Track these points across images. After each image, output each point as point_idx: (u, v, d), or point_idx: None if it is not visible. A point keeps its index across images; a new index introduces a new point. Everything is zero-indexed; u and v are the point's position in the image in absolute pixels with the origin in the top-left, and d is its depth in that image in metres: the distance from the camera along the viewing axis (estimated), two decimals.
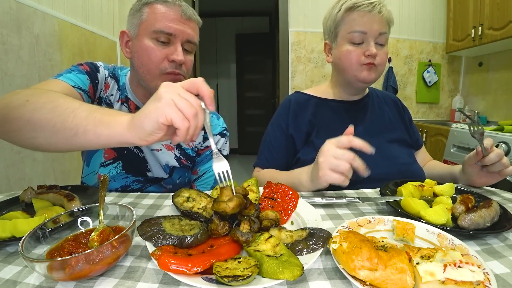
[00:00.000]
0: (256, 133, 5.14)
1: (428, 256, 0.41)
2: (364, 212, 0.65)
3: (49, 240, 0.46)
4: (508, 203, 0.69)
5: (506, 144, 1.66)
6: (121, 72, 0.94)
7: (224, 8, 4.93)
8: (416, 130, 1.08)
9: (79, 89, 0.78)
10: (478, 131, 0.76)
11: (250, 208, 0.54)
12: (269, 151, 1.00)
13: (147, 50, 0.78)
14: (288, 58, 2.74)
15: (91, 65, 0.87)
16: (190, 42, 0.83)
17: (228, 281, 0.37)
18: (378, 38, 0.88)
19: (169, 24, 0.77)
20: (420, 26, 2.83)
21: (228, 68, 5.40)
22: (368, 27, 0.86)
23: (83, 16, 1.87)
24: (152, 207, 0.68)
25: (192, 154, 0.96)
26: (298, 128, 0.97)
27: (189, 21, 0.81)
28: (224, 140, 1.00)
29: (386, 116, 1.02)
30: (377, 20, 0.87)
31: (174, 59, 0.79)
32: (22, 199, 0.68)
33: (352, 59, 0.90)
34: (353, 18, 0.88)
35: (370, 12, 0.86)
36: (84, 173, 0.94)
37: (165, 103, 0.47)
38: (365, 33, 0.87)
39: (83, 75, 0.81)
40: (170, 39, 0.79)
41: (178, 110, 0.48)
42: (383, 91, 1.14)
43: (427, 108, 3.00)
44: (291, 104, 1.01)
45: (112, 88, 0.90)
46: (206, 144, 0.98)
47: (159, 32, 0.77)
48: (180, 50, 0.79)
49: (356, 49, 0.89)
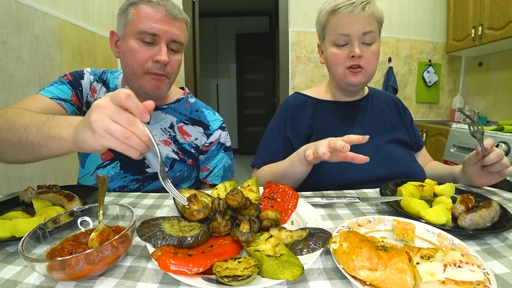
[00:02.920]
0: (256, 133, 5.15)
1: (428, 256, 0.41)
2: (364, 212, 0.65)
3: (49, 240, 0.46)
4: (508, 203, 0.69)
5: (506, 144, 1.66)
6: (112, 75, 0.97)
7: (224, 8, 4.93)
8: (416, 131, 1.08)
9: (58, 99, 0.83)
10: (478, 131, 0.76)
11: (250, 208, 0.54)
12: (266, 151, 1.00)
13: (132, 51, 0.80)
14: (288, 58, 2.73)
15: (75, 73, 0.92)
16: (176, 42, 0.83)
17: (228, 281, 0.37)
18: (364, 38, 0.86)
19: (153, 24, 0.78)
20: (420, 26, 2.83)
21: (228, 68, 5.40)
22: (350, 29, 0.85)
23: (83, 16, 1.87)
24: (152, 207, 0.68)
25: (190, 149, 0.96)
26: (296, 130, 0.97)
27: (174, 21, 0.81)
28: (225, 133, 1.02)
29: (386, 117, 1.02)
30: (360, 20, 0.84)
31: (158, 59, 0.79)
32: (22, 199, 0.68)
33: (337, 62, 0.90)
34: (335, 20, 0.87)
35: (352, 13, 0.84)
36: (80, 174, 0.95)
37: (98, 135, 0.48)
38: (348, 35, 0.86)
39: (64, 85, 0.87)
40: (155, 39, 0.79)
41: (112, 138, 0.47)
42: (383, 91, 1.14)
43: (427, 108, 3.00)
44: (289, 106, 1.01)
45: (99, 92, 0.93)
46: (210, 140, 0.98)
47: (143, 33, 0.78)
48: (164, 50, 0.80)
49: (341, 52, 0.88)
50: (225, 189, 0.67)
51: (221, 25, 5.27)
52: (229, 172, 1.02)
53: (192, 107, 1.00)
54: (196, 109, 1.00)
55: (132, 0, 0.80)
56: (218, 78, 5.43)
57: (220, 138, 0.99)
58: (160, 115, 0.94)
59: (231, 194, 0.52)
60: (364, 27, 0.85)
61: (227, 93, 5.44)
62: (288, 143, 0.97)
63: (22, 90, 1.36)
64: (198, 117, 0.98)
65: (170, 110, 0.96)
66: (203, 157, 0.99)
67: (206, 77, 5.23)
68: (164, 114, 0.94)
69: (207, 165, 1.00)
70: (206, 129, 0.98)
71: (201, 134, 0.98)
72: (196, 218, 0.52)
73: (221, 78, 5.44)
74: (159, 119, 0.93)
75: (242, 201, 0.52)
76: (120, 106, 0.48)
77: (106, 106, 0.47)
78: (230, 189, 0.62)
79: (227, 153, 1.02)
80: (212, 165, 1.00)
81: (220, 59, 5.39)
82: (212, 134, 0.98)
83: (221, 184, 0.69)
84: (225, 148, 1.01)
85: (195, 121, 0.98)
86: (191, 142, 0.96)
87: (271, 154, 0.98)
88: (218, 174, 1.01)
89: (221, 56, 5.38)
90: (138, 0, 0.79)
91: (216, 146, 0.99)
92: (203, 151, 0.99)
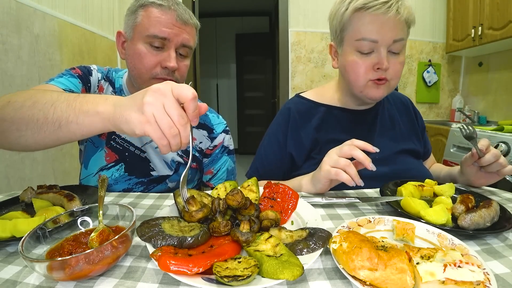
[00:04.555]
0: (256, 133, 5.15)
1: (428, 256, 0.41)
2: (364, 212, 0.65)
3: (49, 240, 0.46)
4: (508, 203, 0.69)
5: (506, 144, 1.66)
6: (116, 74, 0.94)
7: (224, 8, 4.92)
8: (427, 139, 1.00)
9: (70, 92, 0.78)
10: (469, 134, 0.76)
11: (250, 208, 0.54)
12: (261, 163, 0.93)
13: (140, 54, 0.78)
14: (288, 58, 2.73)
15: (84, 68, 0.88)
16: (186, 47, 0.81)
17: (228, 281, 0.37)
18: (392, 46, 0.74)
19: (163, 28, 0.76)
20: (420, 26, 2.83)
21: (228, 68, 5.40)
22: (380, 35, 0.72)
23: (83, 16, 1.87)
24: (152, 207, 0.68)
25: (194, 152, 0.96)
26: (299, 144, 0.88)
27: (185, 26, 0.80)
28: (229, 136, 1.02)
29: (397, 125, 0.93)
30: (392, 25, 0.71)
31: (166, 65, 0.78)
32: (22, 199, 0.68)
33: (359, 72, 0.77)
34: (363, 22, 0.73)
35: (385, 15, 0.70)
36: (82, 175, 0.94)
37: (146, 119, 0.45)
38: (376, 41, 0.73)
39: (75, 79, 0.83)
40: (164, 43, 0.78)
41: (157, 129, 0.46)
42: (394, 93, 1.03)
43: (427, 108, 3.00)
44: (291, 115, 0.90)
45: (106, 91, 0.91)
46: (214, 144, 0.98)
47: (153, 37, 0.77)
48: (173, 56, 0.78)
49: (365, 61, 0.76)
50: (225, 189, 0.67)
51: (221, 25, 5.27)
52: (232, 175, 1.03)
53: None
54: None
55: (142, 2, 0.78)
56: (218, 78, 5.43)
57: (224, 142, 0.99)
58: None
59: (231, 194, 0.52)
60: (396, 34, 0.72)
61: (227, 93, 5.45)
62: (287, 158, 0.90)
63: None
64: (203, 120, 0.98)
65: None
66: (207, 160, 0.99)
67: (206, 77, 5.23)
68: None
69: (211, 168, 1.00)
70: (210, 133, 0.98)
71: (205, 137, 0.97)
72: (195, 219, 0.52)
73: (221, 78, 5.44)
74: None
75: (242, 201, 0.52)
76: (178, 100, 0.46)
77: (167, 94, 0.46)
78: (230, 189, 0.62)
79: (230, 156, 1.02)
80: (216, 168, 1.00)
81: (220, 59, 5.39)
82: (216, 137, 0.98)
83: (221, 184, 0.69)
84: (228, 151, 1.01)
85: (200, 125, 0.97)
86: (195, 145, 0.96)
87: (267, 168, 0.92)
88: (221, 177, 1.01)
89: (221, 56, 5.38)
90: (148, 3, 0.77)
91: (220, 149, 0.99)
92: (207, 155, 0.99)
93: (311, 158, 0.89)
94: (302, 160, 0.89)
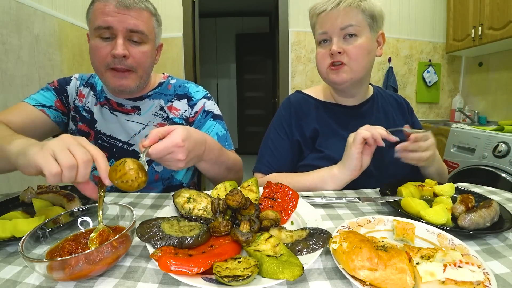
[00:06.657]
0: (256, 133, 5.15)
1: (428, 256, 0.41)
2: (364, 212, 0.65)
3: (49, 240, 0.46)
4: (508, 203, 0.69)
5: (506, 144, 1.66)
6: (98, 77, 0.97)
7: (224, 8, 4.92)
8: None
9: (40, 106, 0.88)
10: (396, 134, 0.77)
11: (250, 208, 0.54)
12: (272, 155, 0.94)
13: (93, 48, 0.81)
14: (288, 58, 2.73)
15: (63, 80, 0.96)
16: (136, 32, 0.80)
17: (228, 281, 0.37)
18: (344, 33, 0.83)
19: (104, 17, 0.77)
20: (420, 26, 2.83)
21: (228, 68, 5.40)
22: (327, 26, 0.84)
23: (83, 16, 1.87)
24: (152, 207, 0.68)
25: (181, 122, 0.96)
26: (303, 133, 0.93)
27: (128, 10, 0.79)
28: (211, 102, 1.00)
29: (391, 120, 0.98)
30: (335, 15, 0.83)
31: (113, 53, 0.78)
32: (22, 199, 0.68)
33: (319, 60, 0.89)
34: (318, 21, 0.88)
35: (327, 10, 0.83)
36: None
37: (42, 151, 0.48)
38: (326, 32, 0.85)
39: (49, 92, 0.92)
40: (112, 33, 0.79)
41: (48, 156, 0.48)
42: (390, 93, 1.09)
43: (427, 108, 3.00)
44: (291, 105, 0.97)
45: (87, 96, 0.96)
46: (195, 110, 0.98)
47: (98, 28, 0.78)
48: (120, 43, 0.78)
49: (322, 50, 0.88)
50: (225, 189, 0.67)
51: (221, 25, 5.27)
52: (226, 142, 0.97)
53: (175, 86, 1.00)
54: (179, 85, 1.01)
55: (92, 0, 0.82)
56: (218, 78, 5.43)
57: (205, 107, 0.98)
58: (148, 102, 0.95)
59: (231, 194, 0.52)
60: (341, 22, 0.82)
61: (227, 93, 5.44)
62: (296, 145, 0.93)
63: (22, 90, 1.36)
64: (182, 91, 0.99)
65: (156, 95, 0.97)
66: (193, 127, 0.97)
67: (206, 77, 5.22)
68: (152, 101, 0.96)
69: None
70: (189, 101, 0.98)
71: (187, 105, 0.98)
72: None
73: (221, 78, 5.43)
74: (149, 106, 0.95)
75: (242, 201, 0.52)
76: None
77: (74, 141, 0.52)
78: (230, 189, 0.62)
79: (218, 121, 0.98)
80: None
81: (220, 59, 5.39)
82: (196, 104, 0.98)
83: (221, 184, 0.69)
84: (213, 116, 0.98)
85: (180, 96, 0.98)
86: (181, 115, 0.97)
87: (279, 158, 0.94)
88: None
89: (221, 56, 5.38)
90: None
91: (202, 114, 0.97)
92: (191, 123, 0.98)
93: (316, 151, 0.92)
94: (309, 149, 0.93)
